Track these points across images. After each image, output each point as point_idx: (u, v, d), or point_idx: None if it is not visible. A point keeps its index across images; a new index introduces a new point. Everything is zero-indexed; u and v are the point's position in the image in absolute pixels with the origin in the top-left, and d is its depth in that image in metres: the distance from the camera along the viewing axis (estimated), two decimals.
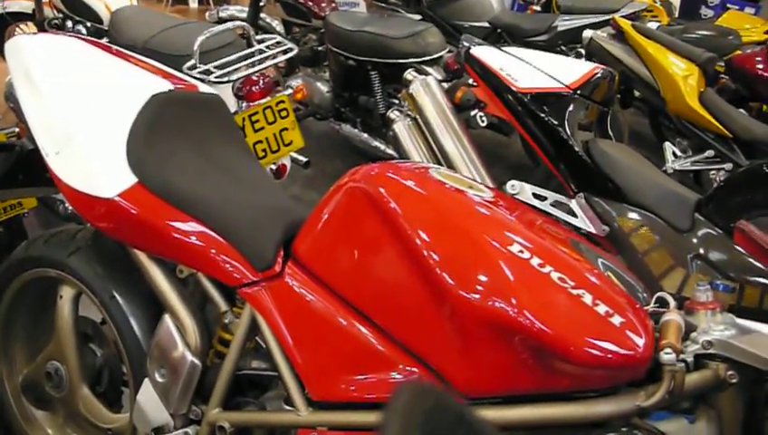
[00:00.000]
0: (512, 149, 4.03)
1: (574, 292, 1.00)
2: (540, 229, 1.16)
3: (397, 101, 3.30)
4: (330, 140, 4.07)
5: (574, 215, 2.03)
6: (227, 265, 1.25)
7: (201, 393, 1.33)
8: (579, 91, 2.11)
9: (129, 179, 1.30)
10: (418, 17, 4.10)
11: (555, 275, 1.02)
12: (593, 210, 1.99)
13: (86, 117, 1.36)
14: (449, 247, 1.06)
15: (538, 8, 5.09)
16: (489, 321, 0.99)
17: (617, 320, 0.98)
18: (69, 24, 3.24)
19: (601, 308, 0.99)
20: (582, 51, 3.27)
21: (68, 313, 1.53)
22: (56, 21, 3.30)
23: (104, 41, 2.79)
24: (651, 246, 1.87)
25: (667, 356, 0.95)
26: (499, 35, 4.08)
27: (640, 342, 0.97)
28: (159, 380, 1.35)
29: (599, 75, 2.16)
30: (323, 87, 3.75)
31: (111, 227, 1.33)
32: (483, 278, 1.02)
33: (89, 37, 1.63)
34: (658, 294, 1.11)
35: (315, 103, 3.76)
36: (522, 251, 1.04)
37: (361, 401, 1.14)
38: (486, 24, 4.10)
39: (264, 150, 2.46)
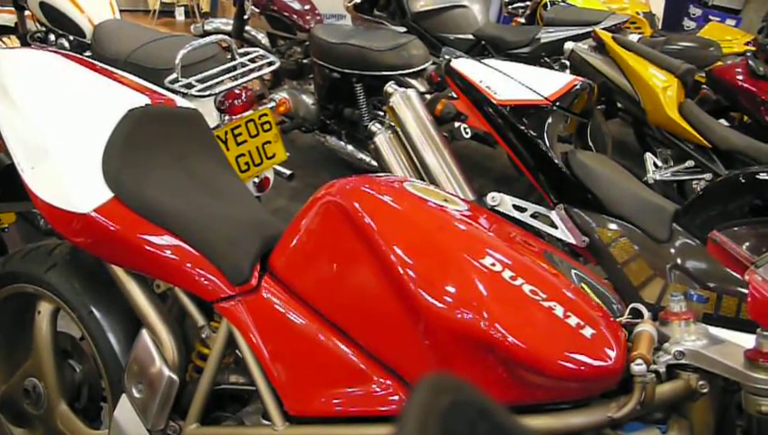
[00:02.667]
0: (497, 161, 4.05)
1: (546, 304, 1.01)
2: (513, 242, 1.16)
3: (382, 114, 3.31)
4: (315, 152, 4.07)
5: (555, 226, 2.04)
6: (203, 280, 1.25)
7: (179, 409, 1.32)
8: (558, 103, 2.12)
9: (105, 194, 1.30)
10: (403, 30, 4.12)
11: (527, 288, 1.02)
12: (573, 221, 2.00)
13: (62, 132, 1.36)
14: (422, 262, 1.06)
15: (523, 20, 5.14)
16: (460, 334, 1.00)
17: (588, 332, 0.99)
18: (51, 37, 3.22)
19: (573, 320, 1.00)
20: (567, 62, 3.29)
21: (46, 329, 1.52)
22: (39, 34, 3.28)
23: (87, 54, 2.81)
24: (630, 256, 1.88)
25: (637, 367, 0.96)
26: (483, 48, 4.11)
27: (611, 353, 0.98)
28: (137, 395, 1.34)
29: (577, 87, 2.18)
30: (308, 99, 3.75)
31: (88, 242, 1.32)
32: (455, 292, 1.02)
33: (69, 52, 1.63)
34: (632, 305, 1.12)
35: (301, 116, 3.77)
36: (494, 264, 1.05)
37: (338, 415, 1.14)
38: (471, 37, 4.13)
39: (246, 164, 2.46)
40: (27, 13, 3.25)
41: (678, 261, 1.82)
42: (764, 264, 0.90)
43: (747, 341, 0.99)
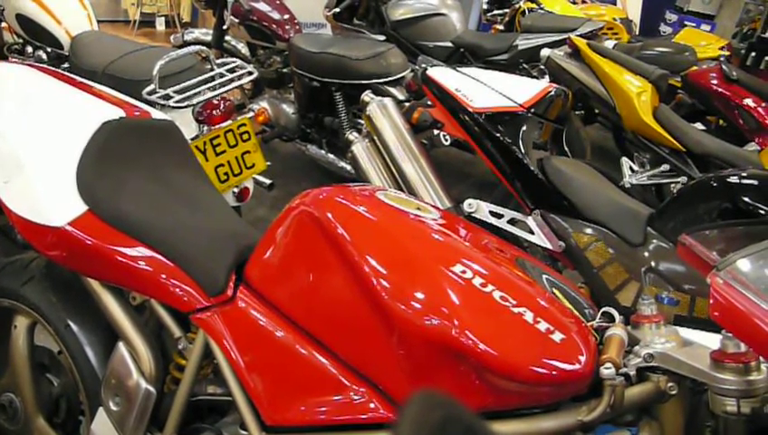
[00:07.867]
0: (476, 167, 4.08)
1: (516, 310, 1.02)
2: (485, 249, 1.18)
3: (362, 122, 3.33)
4: (296, 160, 4.08)
5: (532, 232, 2.06)
6: (179, 291, 1.25)
7: (156, 421, 1.32)
8: (532, 110, 2.15)
9: (80, 208, 1.30)
10: (382, 38, 4.15)
11: (497, 295, 1.04)
12: (549, 227, 2.02)
13: (35, 146, 1.36)
14: (394, 271, 1.07)
15: (501, 27, 5.19)
16: (432, 342, 1.01)
17: (558, 337, 1.00)
18: (29, 49, 3.22)
19: (543, 325, 1.01)
20: (545, 68, 3.33)
21: (22, 343, 1.51)
22: (16, 46, 3.28)
23: (65, 66, 2.80)
24: (606, 260, 1.91)
25: (606, 371, 0.97)
26: (462, 55, 4.15)
27: (581, 358, 0.99)
28: (114, 408, 1.33)
29: (552, 94, 2.21)
30: (289, 108, 3.76)
31: (62, 255, 1.32)
32: (425, 300, 1.03)
33: (45, 65, 1.63)
34: (604, 308, 1.13)
35: (281, 125, 3.78)
36: (465, 272, 1.06)
37: (314, 424, 1.14)
38: (449, 44, 4.17)
39: (226, 174, 2.46)
40: (4, 25, 3.24)
41: (653, 264, 1.84)
42: (725, 266, 0.92)
43: (718, 342, 1.01)
